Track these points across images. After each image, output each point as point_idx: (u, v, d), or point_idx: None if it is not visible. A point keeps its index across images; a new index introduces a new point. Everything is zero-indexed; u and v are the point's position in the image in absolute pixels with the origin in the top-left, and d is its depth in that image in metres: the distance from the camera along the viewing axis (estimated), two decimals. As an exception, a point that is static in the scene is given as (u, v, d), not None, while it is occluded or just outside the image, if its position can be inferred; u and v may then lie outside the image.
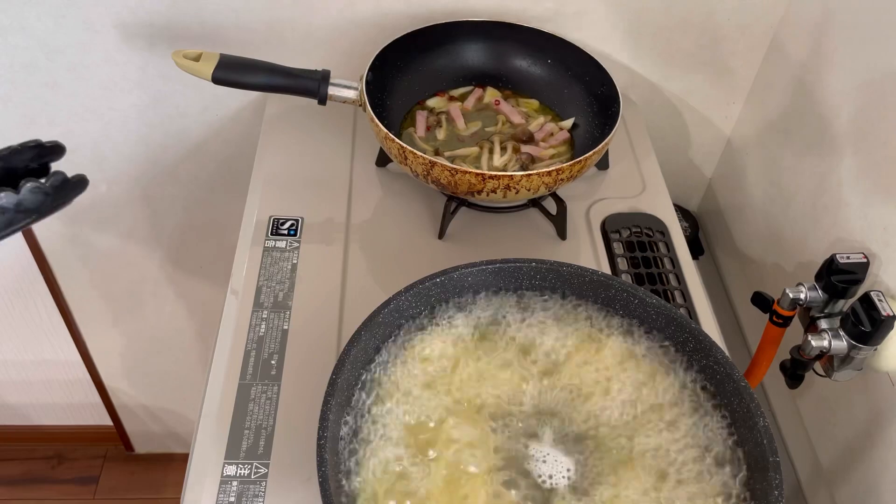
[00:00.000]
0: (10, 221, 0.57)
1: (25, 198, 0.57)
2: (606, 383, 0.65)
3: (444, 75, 0.95)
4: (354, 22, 0.98)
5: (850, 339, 0.72)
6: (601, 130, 0.88)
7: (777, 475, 0.55)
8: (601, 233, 0.87)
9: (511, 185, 0.77)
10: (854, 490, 0.84)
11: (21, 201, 0.57)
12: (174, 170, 1.13)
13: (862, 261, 0.74)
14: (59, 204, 0.61)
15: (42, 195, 0.58)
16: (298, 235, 0.83)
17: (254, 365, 0.71)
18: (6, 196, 0.57)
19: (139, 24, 0.96)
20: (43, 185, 0.59)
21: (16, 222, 0.58)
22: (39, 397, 1.60)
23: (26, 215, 0.58)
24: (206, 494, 0.62)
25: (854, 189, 0.84)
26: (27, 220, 0.59)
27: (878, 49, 0.81)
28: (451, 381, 0.64)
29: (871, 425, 0.81)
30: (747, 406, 0.60)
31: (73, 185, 0.62)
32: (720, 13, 0.99)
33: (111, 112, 1.05)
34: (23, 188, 0.57)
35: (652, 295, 0.66)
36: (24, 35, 0.96)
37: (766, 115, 1.03)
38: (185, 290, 1.33)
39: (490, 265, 0.68)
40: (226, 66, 0.80)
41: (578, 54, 0.91)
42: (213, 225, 1.21)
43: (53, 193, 0.60)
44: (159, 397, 1.58)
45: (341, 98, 0.83)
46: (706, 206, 1.21)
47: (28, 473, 1.71)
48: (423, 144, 0.89)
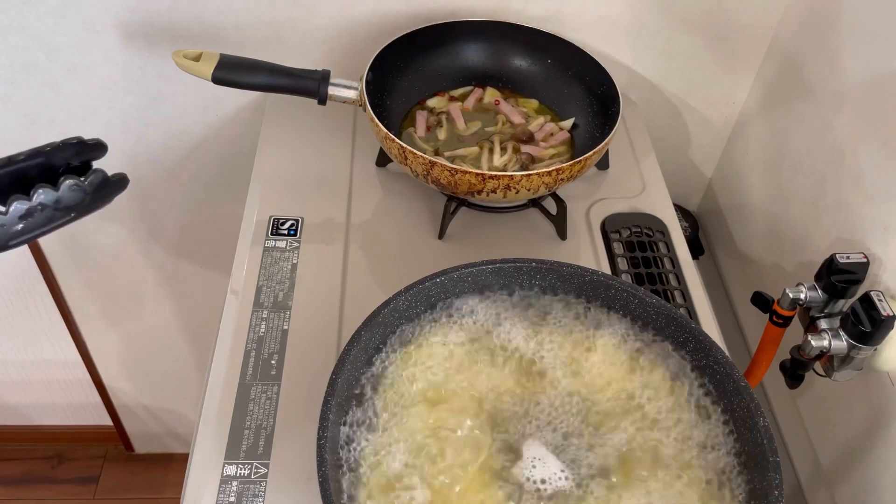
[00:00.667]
0: (50, 219, 0.56)
1: (64, 195, 0.57)
2: (606, 383, 0.65)
3: (444, 75, 0.95)
4: (354, 22, 0.98)
5: (850, 339, 0.72)
6: (601, 130, 0.88)
7: (777, 475, 0.55)
8: (601, 233, 0.87)
9: (511, 185, 0.77)
10: (854, 490, 0.84)
11: (60, 198, 0.56)
12: (174, 170, 1.13)
13: (862, 261, 0.74)
14: (99, 203, 0.60)
15: (81, 193, 0.57)
16: (298, 235, 0.83)
17: (254, 365, 0.71)
18: (45, 192, 0.56)
19: (139, 24, 0.96)
20: (82, 183, 0.58)
21: (55, 220, 0.57)
22: (39, 397, 1.60)
23: (65, 213, 0.57)
24: (206, 494, 0.62)
25: (854, 189, 0.84)
26: (66, 218, 0.58)
27: (879, 49, 0.81)
28: (451, 381, 0.64)
29: (871, 425, 0.81)
30: (747, 406, 0.60)
31: (113, 184, 0.61)
32: (720, 13, 0.99)
33: (111, 112, 1.05)
34: (62, 185, 0.56)
35: (652, 295, 0.66)
36: (24, 35, 0.96)
37: (766, 116, 1.03)
38: (185, 290, 1.33)
39: (490, 265, 0.67)
40: (226, 66, 0.80)
41: (578, 54, 0.91)
42: (213, 225, 1.21)
43: (93, 192, 0.58)
44: (159, 397, 1.58)
45: (341, 98, 0.83)
46: (706, 206, 1.21)
47: (28, 473, 1.71)
48: (423, 144, 0.89)
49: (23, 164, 0.58)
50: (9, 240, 0.55)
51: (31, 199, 0.55)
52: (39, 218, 0.56)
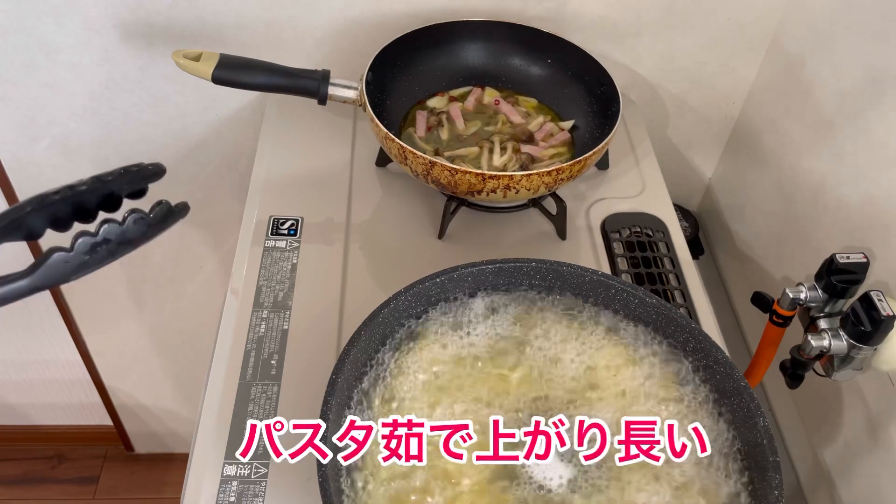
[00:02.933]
0: (112, 252, 0.54)
1: (129, 229, 0.55)
2: (605, 383, 0.65)
3: (444, 75, 0.95)
4: (354, 22, 0.98)
5: (850, 339, 0.72)
6: (601, 130, 0.88)
7: (777, 475, 0.55)
8: (601, 233, 0.87)
9: (511, 185, 0.77)
10: (854, 490, 0.84)
11: (125, 232, 0.55)
12: (174, 170, 1.12)
13: (862, 261, 0.74)
14: (159, 232, 0.58)
15: (146, 227, 0.56)
16: (298, 235, 0.83)
17: (254, 365, 0.71)
18: (112, 228, 0.54)
19: (139, 24, 0.96)
20: (148, 217, 0.56)
21: (117, 253, 0.55)
22: (39, 397, 1.60)
23: (128, 246, 0.55)
24: (206, 494, 0.62)
25: (854, 189, 0.84)
26: (128, 250, 0.56)
27: (878, 48, 0.81)
28: (452, 381, 0.64)
29: (871, 425, 0.81)
30: (747, 406, 0.60)
31: (175, 214, 0.59)
32: (720, 13, 0.99)
33: (111, 112, 1.05)
34: (128, 220, 0.55)
35: (652, 295, 0.66)
36: (24, 35, 0.96)
37: (766, 116, 1.03)
38: (185, 290, 1.33)
39: (490, 265, 0.68)
40: (226, 65, 0.80)
41: (578, 54, 0.91)
42: (213, 225, 1.21)
43: (155, 224, 0.57)
44: (159, 397, 1.58)
45: (341, 98, 0.83)
46: (706, 206, 1.21)
47: (28, 473, 1.71)
48: (423, 144, 0.89)
49: (84, 192, 0.56)
50: (71, 274, 0.53)
51: (97, 235, 0.53)
52: (103, 252, 0.54)
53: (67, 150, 1.09)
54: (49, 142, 1.08)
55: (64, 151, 1.09)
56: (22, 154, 1.09)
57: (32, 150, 1.09)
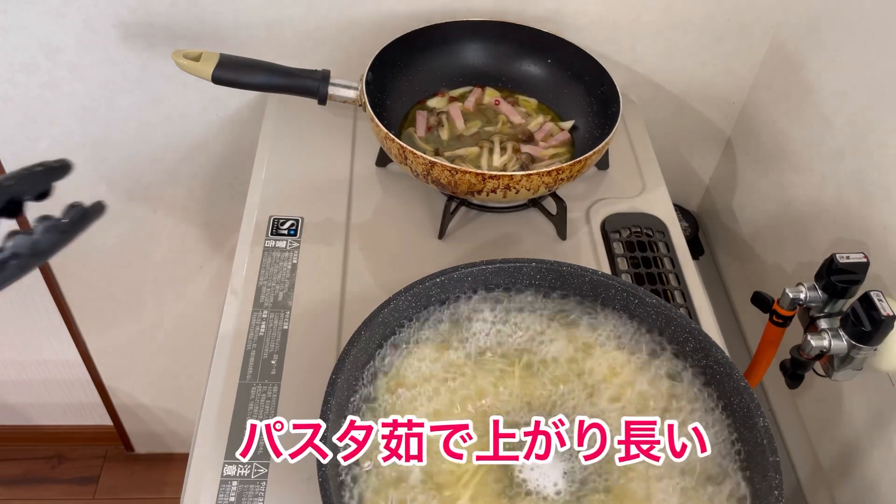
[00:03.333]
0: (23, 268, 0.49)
1: (41, 239, 0.50)
2: (605, 383, 0.65)
3: (444, 75, 0.95)
4: (354, 22, 0.98)
5: (850, 339, 0.72)
6: (601, 130, 0.88)
7: (777, 475, 0.55)
8: (601, 233, 0.87)
9: (511, 185, 0.77)
10: (854, 490, 0.84)
11: (36, 243, 0.49)
12: (174, 170, 1.13)
13: (862, 261, 0.74)
14: (76, 235, 0.53)
15: (59, 234, 0.50)
16: (298, 235, 0.83)
17: (254, 365, 0.71)
18: (21, 239, 0.48)
19: (139, 23, 0.96)
20: (60, 223, 0.51)
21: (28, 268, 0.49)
22: (39, 397, 1.60)
23: (42, 256, 0.50)
24: (206, 494, 0.62)
25: (854, 189, 0.84)
26: (42, 261, 0.51)
27: (878, 49, 0.81)
28: (452, 381, 0.64)
29: (871, 425, 0.81)
30: (747, 406, 0.60)
31: (90, 214, 0.54)
32: (720, 13, 0.99)
33: (111, 112, 1.05)
34: (38, 229, 0.49)
35: (652, 295, 0.66)
36: (24, 35, 0.96)
37: (766, 116, 1.03)
38: (185, 290, 1.33)
39: (490, 265, 0.68)
40: (226, 65, 0.80)
41: (578, 54, 0.91)
42: (213, 225, 1.21)
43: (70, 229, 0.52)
44: (159, 397, 1.58)
45: (341, 98, 0.83)
46: (706, 206, 1.21)
47: (28, 473, 1.71)
48: (423, 144, 0.89)
49: None
50: None
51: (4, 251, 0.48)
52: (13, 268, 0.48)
53: (67, 150, 1.09)
54: (49, 142, 1.08)
55: (64, 151, 1.09)
56: (22, 154, 1.09)
57: (32, 150, 1.09)
